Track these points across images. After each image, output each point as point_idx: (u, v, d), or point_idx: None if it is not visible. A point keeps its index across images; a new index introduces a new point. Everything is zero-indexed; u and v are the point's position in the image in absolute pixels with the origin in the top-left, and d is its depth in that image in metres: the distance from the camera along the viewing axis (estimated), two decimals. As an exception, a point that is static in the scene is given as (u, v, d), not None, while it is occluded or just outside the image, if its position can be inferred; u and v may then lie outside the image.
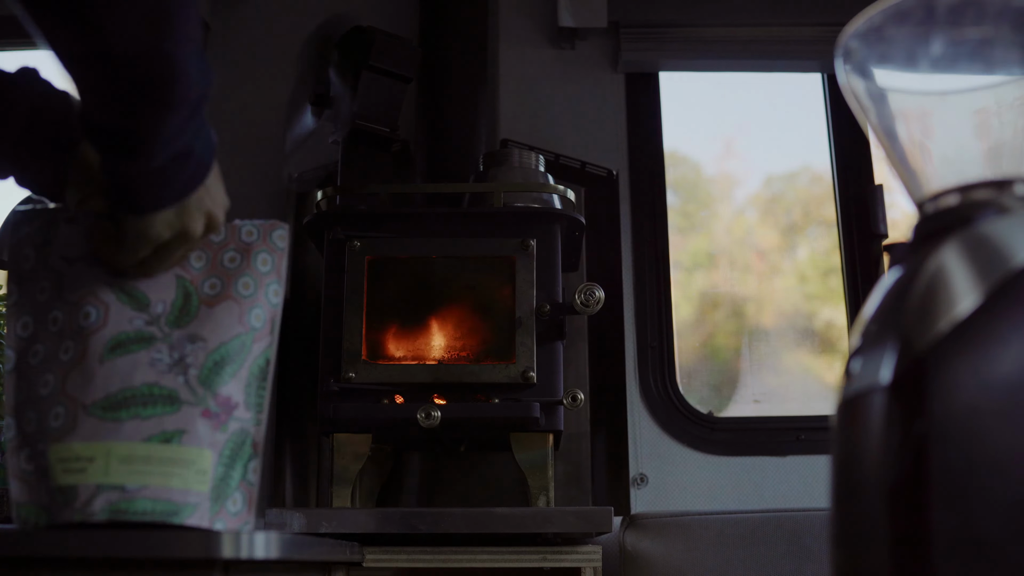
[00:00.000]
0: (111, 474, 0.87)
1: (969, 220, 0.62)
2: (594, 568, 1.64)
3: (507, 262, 1.78)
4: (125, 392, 0.90)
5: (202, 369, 0.93)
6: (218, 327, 0.95)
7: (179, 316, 0.95)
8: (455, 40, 2.14)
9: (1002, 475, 0.55)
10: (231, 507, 0.93)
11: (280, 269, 1.00)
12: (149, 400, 0.90)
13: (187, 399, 0.91)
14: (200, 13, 0.82)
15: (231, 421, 0.93)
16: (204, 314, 0.95)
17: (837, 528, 0.64)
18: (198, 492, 0.89)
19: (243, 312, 0.96)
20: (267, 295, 0.98)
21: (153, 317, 0.94)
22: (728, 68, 2.43)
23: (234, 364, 0.94)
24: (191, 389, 0.92)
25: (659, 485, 2.10)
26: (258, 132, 2.27)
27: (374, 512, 1.67)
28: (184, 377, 0.92)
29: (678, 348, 2.24)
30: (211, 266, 0.98)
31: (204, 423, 0.91)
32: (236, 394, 0.94)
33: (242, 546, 0.90)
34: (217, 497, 0.91)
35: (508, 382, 1.72)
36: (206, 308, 0.95)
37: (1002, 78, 0.68)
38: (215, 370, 0.93)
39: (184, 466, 0.89)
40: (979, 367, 0.57)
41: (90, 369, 0.90)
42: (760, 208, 2.50)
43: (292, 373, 2.07)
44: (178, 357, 0.93)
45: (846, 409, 0.64)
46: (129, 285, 0.94)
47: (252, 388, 0.96)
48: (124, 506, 0.87)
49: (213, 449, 0.91)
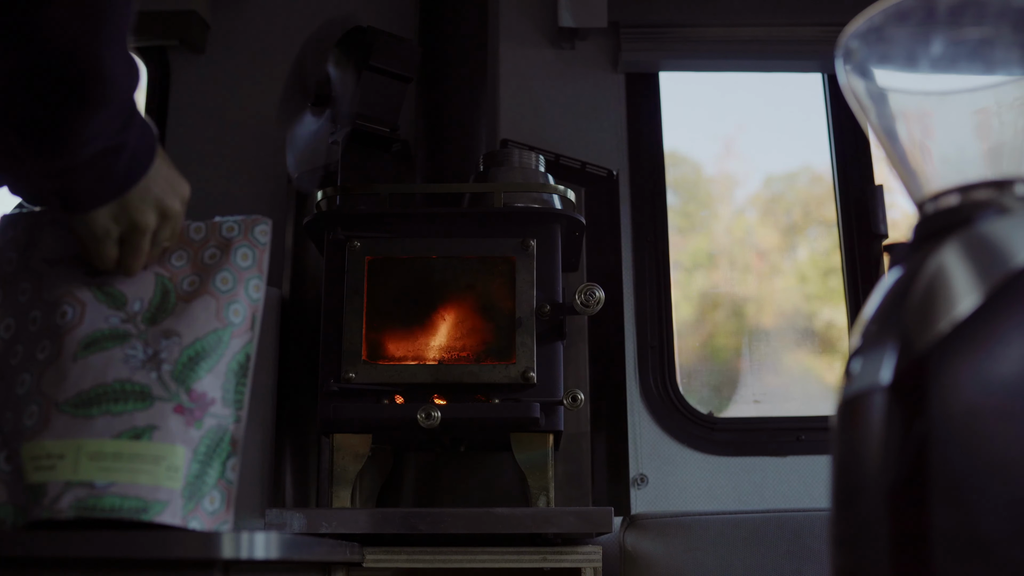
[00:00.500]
0: (80, 471, 0.86)
1: (969, 220, 0.62)
2: (594, 568, 1.64)
3: (507, 262, 1.78)
4: (97, 389, 0.89)
5: (176, 364, 0.91)
6: (194, 322, 0.93)
7: (156, 313, 0.93)
8: (455, 40, 2.14)
9: (1002, 475, 0.55)
10: (208, 505, 0.91)
11: (262, 264, 0.98)
12: (121, 396, 0.89)
13: (159, 395, 0.90)
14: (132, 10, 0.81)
15: (207, 417, 0.92)
16: (180, 309, 0.94)
17: (837, 528, 0.64)
18: (169, 489, 0.88)
19: (220, 307, 0.94)
20: (247, 290, 0.97)
21: (130, 315, 0.93)
22: (728, 68, 2.42)
23: (210, 359, 0.93)
24: (164, 385, 0.90)
25: (659, 485, 2.10)
26: (258, 132, 2.27)
27: (374, 512, 1.67)
28: (157, 373, 0.90)
29: (678, 348, 2.24)
30: (192, 264, 0.97)
31: (177, 419, 0.90)
32: (212, 390, 0.92)
33: (242, 546, 0.90)
34: (192, 495, 0.90)
35: (508, 382, 1.72)
36: (183, 304, 0.94)
37: (1002, 78, 0.68)
38: (189, 365, 0.92)
39: (154, 462, 0.88)
40: (979, 367, 0.56)
41: (64, 367, 0.90)
42: (760, 208, 2.50)
43: (292, 373, 2.07)
44: (152, 353, 0.91)
45: (846, 409, 0.64)
46: (108, 284, 0.94)
47: (230, 384, 0.94)
48: (92, 503, 0.86)
49: (187, 446, 0.90)
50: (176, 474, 0.89)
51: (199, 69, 2.34)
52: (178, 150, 2.23)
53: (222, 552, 0.87)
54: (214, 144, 2.27)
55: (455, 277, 1.79)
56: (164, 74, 2.33)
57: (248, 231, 0.99)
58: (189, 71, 2.34)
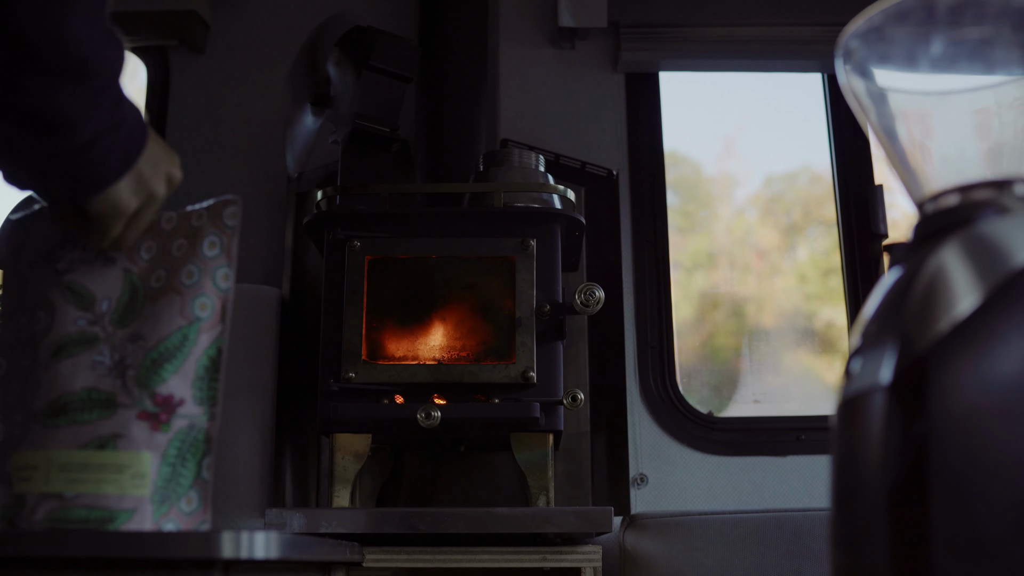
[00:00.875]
0: (51, 482, 0.86)
1: (969, 220, 0.62)
2: (594, 568, 1.64)
3: (507, 262, 1.78)
4: (64, 398, 0.89)
5: (140, 369, 0.90)
6: (158, 323, 0.92)
7: (124, 314, 0.92)
8: (455, 40, 2.14)
9: (1002, 475, 0.55)
10: (185, 507, 0.91)
11: (230, 250, 0.95)
12: (87, 405, 0.88)
13: (123, 402, 0.89)
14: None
15: (175, 419, 0.90)
16: (147, 311, 0.92)
17: (837, 528, 0.64)
18: (135, 497, 0.87)
19: (184, 303, 0.92)
20: (215, 281, 0.94)
21: (97, 316, 0.92)
22: (728, 68, 2.42)
23: (175, 360, 0.91)
24: (127, 391, 0.89)
25: (659, 485, 2.10)
26: (258, 132, 2.27)
27: (374, 512, 1.67)
28: (122, 379, 0.89)
29: (678, 348, 2.24)
30: (160, 257, 0.95)
31: (140, 425, 0.89)
32: (180, 391, 0.91)
33: (242, 546, 0.90)
34: (165, 498, 0.89)
35: (508, 382, 1.72)
36: (149, 304, 0.92)
37: (1002, 78, 0.68)
38: (153, 368, 0.90)
39: (118, 471, 0.87)
40: (979, 367, 0.56)
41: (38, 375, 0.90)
42: (760, 208, 2.50)
43: (292, 373, 2.07)
44: (119, 359, 0.90)
45: (846, 409, 0.64)
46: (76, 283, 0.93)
47: (201, 382, 0.92)
48: (62, 515, 0.86)
49: (153, 451, 0.89)
50: (143, 481, 0.88)
51: (199, 69, 2.34)
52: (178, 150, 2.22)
53: (222, 552, 0.87)
54: (214, 144, 2.27)
55: (455, 277, 1.79)
56: (164, 74, 2.33)
57: (216, 217, 0.96)
58: (189, 71, 2.34)
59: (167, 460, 0.90)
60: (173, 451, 0.90)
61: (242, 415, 1.96)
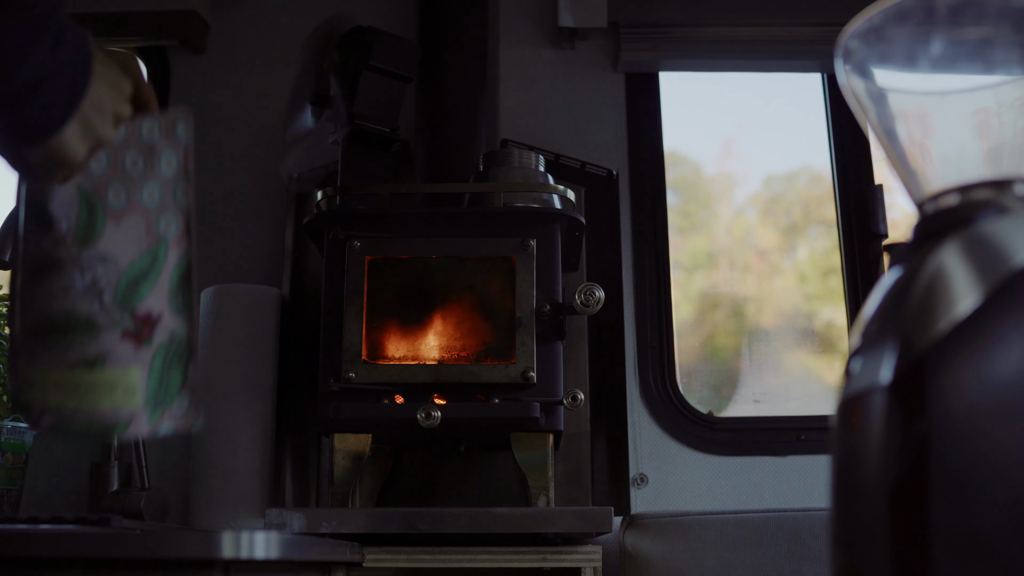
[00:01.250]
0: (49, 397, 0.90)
1: (969, 220, 0.62)
2: (594, 568, 1.64)
3: (507, 262, 1.78)
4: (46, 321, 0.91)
5: (116, 291, 0.92)
6: (128, 244, 0.93)
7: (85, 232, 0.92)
8: (455, 40, 2.14)
9: (1002, 475, 0.55)
10: (177, 410, 0.95)
11: (187, 166, 0.96)
12: (68, 328, 0.91)
13: (105, 324, 0.91)
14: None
15: (156, 333, 0.93)
16: (112, 231, 0.92)
17: (837, 528, 0.64)
18: (130, 409, 0.92)
19: (151, 223, 0.94)
20: (175, 198, 0.95)
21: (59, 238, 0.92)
22: (728, 68, 2.42)
23: (150, 278, 0.93)
24: (107, 313, 0.91)
25: (659, 485, 2.10)
26: (258, 132, 2.27)
27: (374, 512, 1.68)
28: (99, 302, 0.91)
29: (678, 348, 2.24)
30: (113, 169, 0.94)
31: (126, 344, 0.92)
32: (157, 306, 0.94)
33: (242, 546, 0.90)
34: (157, 404, 0.93)
35: (508, 382, 1.72)
36: (113, 223, 0.93)
37: (1002, 78, 0.68)
38: (131, 289, 0.93)
39: (111, 389, 0.91)
40: (979, 367, 0.57)
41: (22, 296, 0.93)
42: (760, 208, 2.50)
43: (292, 373, 2.07)
44: (90, 281, 0.92)
45: (846, 409, 0.64)
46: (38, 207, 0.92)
47: (177, 294, 0.95)
48: (64, 425, 0.90)
49: (141, 365, 0.92)
50: (135, 394, 0.92)
51: (199, 69, 2.34)
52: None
53: (222, 552, 0.87)
54: (214, 144, 2.27)
55: (455, 277, 1.79)
56: (164, 74, 2.33)
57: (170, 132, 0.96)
58: (189, 71, 2.34)
59: (154, 371, 0.93)
60: (158, 362, 0.93)
61: (242, 415, 1.96)
